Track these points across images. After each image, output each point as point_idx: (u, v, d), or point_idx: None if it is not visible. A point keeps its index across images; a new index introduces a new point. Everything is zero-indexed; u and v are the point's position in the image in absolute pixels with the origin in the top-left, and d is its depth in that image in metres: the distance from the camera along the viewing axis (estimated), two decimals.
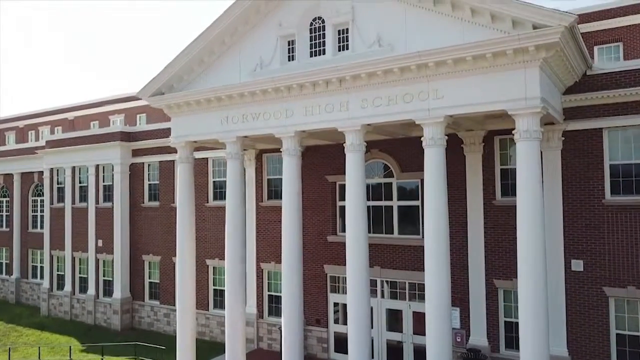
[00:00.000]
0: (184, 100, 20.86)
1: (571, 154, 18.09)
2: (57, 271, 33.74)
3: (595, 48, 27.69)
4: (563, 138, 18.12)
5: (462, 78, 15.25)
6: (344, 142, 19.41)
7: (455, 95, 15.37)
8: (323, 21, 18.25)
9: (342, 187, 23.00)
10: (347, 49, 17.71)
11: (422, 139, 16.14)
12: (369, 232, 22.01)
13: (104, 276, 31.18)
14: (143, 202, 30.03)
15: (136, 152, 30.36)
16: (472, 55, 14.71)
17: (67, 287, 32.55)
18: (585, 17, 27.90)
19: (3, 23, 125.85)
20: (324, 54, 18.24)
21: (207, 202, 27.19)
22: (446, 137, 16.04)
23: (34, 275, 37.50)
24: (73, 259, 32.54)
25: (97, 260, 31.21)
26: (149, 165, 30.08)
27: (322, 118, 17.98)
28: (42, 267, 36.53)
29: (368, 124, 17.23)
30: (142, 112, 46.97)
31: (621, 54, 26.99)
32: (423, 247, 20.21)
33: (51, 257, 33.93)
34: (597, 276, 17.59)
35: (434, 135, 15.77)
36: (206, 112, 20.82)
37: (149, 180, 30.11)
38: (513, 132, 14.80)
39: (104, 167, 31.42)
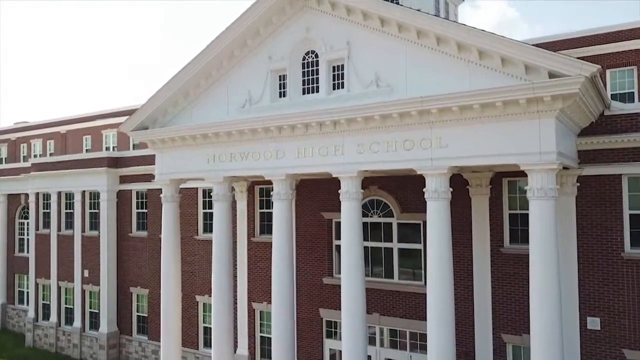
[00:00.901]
0: (168, 137, 19.43)
1: (587, 201, 16.58)
2: (43, 300, 32.32)
3: (608, 71, 26.15)
4: (578, 184, 16.60)
5: (469, 126, 13.77)
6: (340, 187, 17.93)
7: (461, 145, 13.89)
8: (316, 55, 16.78)
9: (339, 225, 21.53)
10: (342, 87, 16.24)
11: (424, 190, 14.68)
12: (368, 275, 20.54)
13: (90, 308, 29.75)
14: (131, 232, 28.58)
15: (124, 179, 28.92)
16: (480, 104, 13.24)
17: (53, 317, 31.13)
18: (596, 39, 26.37)
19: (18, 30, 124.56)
20: (317, 91, 16.78)
21: (197, 235, 25.72)
22: (451, 189, 14.58)
23: (21, 301, 36.10)
24: (59, 288, 31.12)
25: (83, 291, 29.79)
26: (137, 192, 28.63)
27: (315, 161, 16.53)
28: (28, 293, 35.13)
29: (365, 171, 15.78)
30: None
31: (635, 78, 25.45)
32: (425, 294, 18.78)
33: (36, 285, 32.52)
34: (616, 336, 16.07)
35: (437, 187, 14.29)
36: (192, 148, 19.39)
37: (137, 208, 28.66)
38: (526, 188, 13.33)
39: (90, 194, 29.99)
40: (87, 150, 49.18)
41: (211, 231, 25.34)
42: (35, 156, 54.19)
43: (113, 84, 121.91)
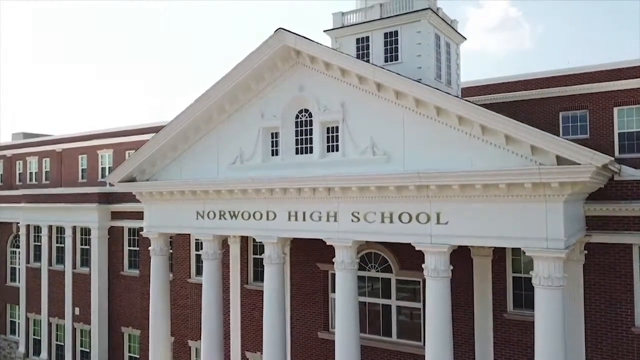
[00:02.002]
0: (156, 190, 18.59)
1: (595, 270, 15.68)
2: (34, 335, 31.56)
3: (615, 109, 25.24)
4: (586, 251, 15.70)
5: (470, 203, 12.90)
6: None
7: (462, 223, 13.03)
8: (310, 115, 15.91)
9: (335, 277, 20.65)
10: (337, 150, 15.38)
11: (423, 265, 13.82)
12: (364, 332, 19.67)
13: (81, 346, 28.96)
14: (122, 270, 27.76)
15: (116, 215, 28.08)
16: (482, 184, 12.35)
17: (44, 354, 30.35)
18: (605, 75, 25.46)
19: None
20: (311, 152, 15.91)
21: (189, 278, 24.88)
22: (451, 267, 13.71)
23: (12, 331, 35.31)
24: (49, 324, 30.34)
25: (74, 330, 29.00)
26: (129, 229, 27.80)
27: (308, 226, 15.68)
28: (20, 324, 34.38)
29: (361, 240, 14.93)
30: (131, 148, 44.70)
31: None
32: (424, 356, 17.92)
33: (27, 319, 31.75)
34: None
35: (437, 265, 13.43)
36: (180, 203, 18.56)
37: (129, 245, 27.83)
38: (530, 272, 12.45)
39: (81, 229, 29.18)
40: (82, 169, 48.45)
41: None
42: (30, 174, 53.51)
43: (130, 99, 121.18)
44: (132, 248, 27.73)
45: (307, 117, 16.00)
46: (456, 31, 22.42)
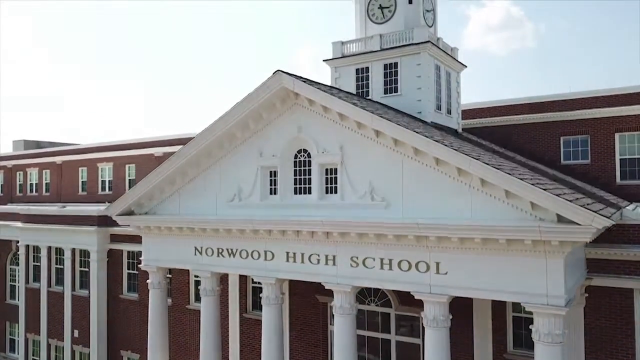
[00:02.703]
0: (154, 225, 18.50)
1: (596, 314, 15.54)
2: (33, 355, 31.48)
3: (617, 135, 25.07)
4: (586, 294, 15.57)
5: (470, 255, 12.78)
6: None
7: (461, 274, 12.91)
8: (309, 155, 15.79)
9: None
10: (336, 192, 15.25)
11: (422, 314, 13.70)
12: None
13: None
14: (122, 293, 27.67)
15: (115, 238, 27.98)
16: (482, 238, 12.23)
17: None
18: (606, 100, 25.31)
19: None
20: (309, 192, 15.79)
21: (188, 304, 24.79)
22: (450, 316, 13.58)
23: (12, 349, 35.26)
24: (49, 346, 30.27)
25: (72, 352, 28.91)
26: (128, 253, 27.71)
27: (306, 269, 15.58)
28: (19, 343, 34.31)
29: (359, 286, 14.81)
30: (131, 162, 44.65)
31: None
32: None
33: (26, 340, 31.67)
34: None
35: (436, 315, 13.31)
36: (178, 237, 18.46)
37: (128, 269, 27.74)
38: (530, 327, 12.33)
39: (80, 251, 29.10)
40: (82, 182, 48.39)
41: None
42: (31, 185, 53.46)
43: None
44: (131, 271, 27.64)
45: (305, 158, 15.88)
46: (456, 60, 22.28)
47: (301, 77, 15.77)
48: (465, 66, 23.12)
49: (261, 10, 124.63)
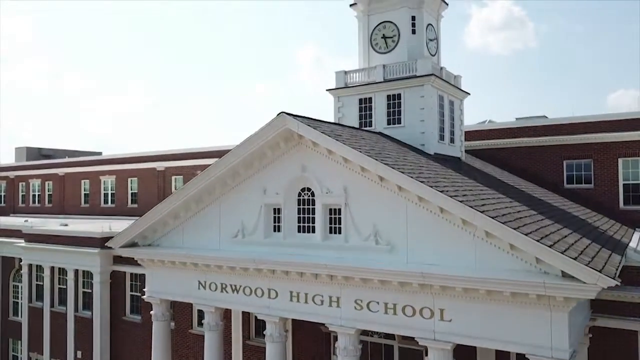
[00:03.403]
0: (157, 259, 18.52)
1: (600, 355, 15.53)
2: None
3: (620, 160, 25.04)
4: (590, 335, 15.56)
5: (475, 304, 12.77)
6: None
7: (466, 322, 12.89)
8: (312, 194, 15.78)
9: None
10: (340, 232, 15.23)
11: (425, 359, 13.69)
12: None
13: None
14: (125, 315, 27.70)
15: (118, 260, 27.92)
16: (487, 290, 12.23)
17: None
18: (610, 125, 25.28)
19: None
20: (313, 231, 15.78)
21: (191, 328, 24.81)
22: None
23: None
24: None
25: None
26: (131, 274, 27.73)
27: (310, 309, 15.56)
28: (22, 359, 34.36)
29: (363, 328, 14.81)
30: (133, 175, 44.70)
31: None
32: None
33: (29, 359, 31.70)
34: None
35: None
36: (182, 271, 18.47)
37: (131, 290, 27.76)
38: None
39: (83, 272, 29.12)
40: (85, 194, 48.44)
41: None
42: (33, 196, 53.53)
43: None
44: (134, 293, 27.65)
45: (309, 196, 15.87)
46: (460, 89, 22.25)
47: (305, 118, 15.78)
48: (469, 94, 23.09)
49: (262, 11, 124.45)
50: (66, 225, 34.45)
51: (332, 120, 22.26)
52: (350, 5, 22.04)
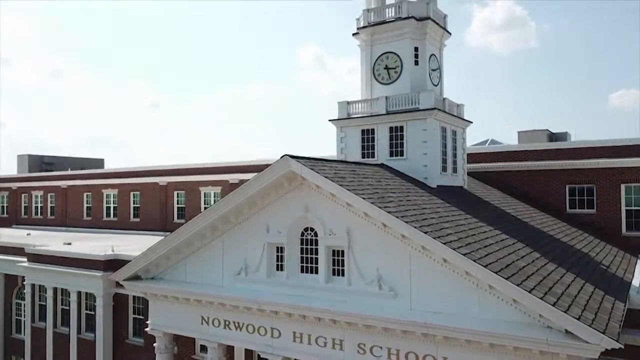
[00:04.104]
0: (160, 294, 18.57)
1: None
2: None
3: (622, 186, 25.02)
4: None
5: (477, 354, 12.78)
6: None
7: None
8: (316, 234, 15.80)
9: None
10: (343, 275, 15.26)
11: None
12: None
13: None
14: (127, 337, 27.74)
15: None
16: (490, 343, 12.25)
17: None
18: (612, 151, 25.26)
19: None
20: (316, 272, 15.80)
21: (194, 354, 24.84)
22: None
23: None
24: None
25: None
26: (134, 297, 27.77)
27: (313, 350, 15.58)
28: None
29: None
30: (136, 189, 44.79)
31: None
32: None
33: None
34: None
35: None
36: (185, 305, 18.49)
37: (133, 313, 27.81)
38: None
39: (86, 294, 29.18)
40: (87, 207, 48.53)
41: None
42: (36, 207, 53.64)
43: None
44: (137, 316, 27.70)
45: (312, 237, 15.90)
46: (462, 118, 22.25)
47: (308, 160, 15.81)
48: (471, 122, 23.10)
49: (262, 11, 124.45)
50: (69, 244, 34.54)
51: (335, 147, 22.22)
52: (353, 34, 22.06)
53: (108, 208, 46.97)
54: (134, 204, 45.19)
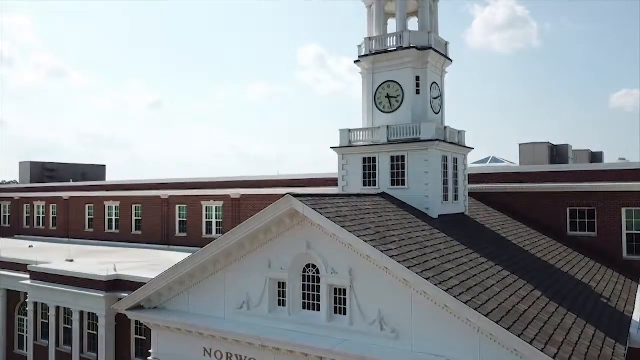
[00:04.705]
0: (163, 324, 18.67)
1: None
2: None
3: (624, 210, 25.07)
4: None
5: None
6: None
7: None
8: (317, 271, 15.89)
9: None
10: (345, 313, 15.34)
11: None
12: None
13: None
14: (130, 358, 27.85)
15: None
16: None
17: None
18: (614, 175, 25.32)
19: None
20: (318, 309, 15.89)
21: None
22: None
23: None
24: None
25: None
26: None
27: None
28: None
29: None
30: (138, 202, 44.89)
31: None
32: None
33: None
34: None
35: None
36: (188, 336, 18.57)
37: (136, 334, 27.91)
38: None
39: (89, 314, 29.29)
40: (90, 219, 48.63)
41: None
42: (38, 218, 53.77)
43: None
44: (139, 337, 27.81)
45: (314, 273, 15.98)
46: (464, 146, 22.31)
47: (310, 197, 15.90)
48: (472, 148, 23.17)
49: (263, 11, 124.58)
50: (71, 260, 34.65)
51: (337, 173, 22.24)
52: (355, 62, 22.13)
53: (110, 220, 47.08)
54: (135, 216, 45.29)
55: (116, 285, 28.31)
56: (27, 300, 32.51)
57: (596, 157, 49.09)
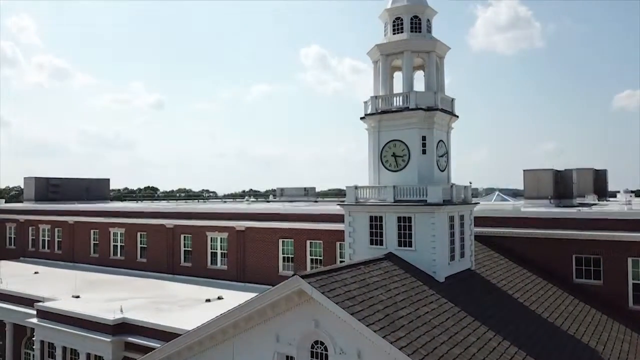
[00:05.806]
0: None
1: None
2: None
3: (629, 259, 25.05)
4: None
5: None
6: None
7: None
8: (326, 348, 15.97)
9: None
10: None
11: None
12: None
13: None
14: None
15: (130, 346, 28.21)
16: None
17: None
18: (621, 224, 25.30)
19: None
20: None
21: None
22: None
23: None
24: None
25: None
26: None
27: None
28: None
29: None
30: (143, 230, 45.00)
31: None
32: None
33: None
34: None
35: None
36: None
37: None
38: None
39: (95, 356, 29.40)
40: (95, 244, 48.75)
41: None
42: (43, 241, 53.92)
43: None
44: None
45: (322, 351, 16.06)
46: (470, 203, 22.34)
47: (318, 275, 15.97)
48: (478, 203, 23.17)
49: (263, 10, 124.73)
50: (78, 297, 34.73)
51: (345, 230, 22.23)
52: (361, 118, 22.19)
53: (115, 246, 47.20)
54: (140, 244, 45.40)
55: (122, 328, 28.45)
56: (34, 338, 32.66)
57: (599, 175, 48.95)
